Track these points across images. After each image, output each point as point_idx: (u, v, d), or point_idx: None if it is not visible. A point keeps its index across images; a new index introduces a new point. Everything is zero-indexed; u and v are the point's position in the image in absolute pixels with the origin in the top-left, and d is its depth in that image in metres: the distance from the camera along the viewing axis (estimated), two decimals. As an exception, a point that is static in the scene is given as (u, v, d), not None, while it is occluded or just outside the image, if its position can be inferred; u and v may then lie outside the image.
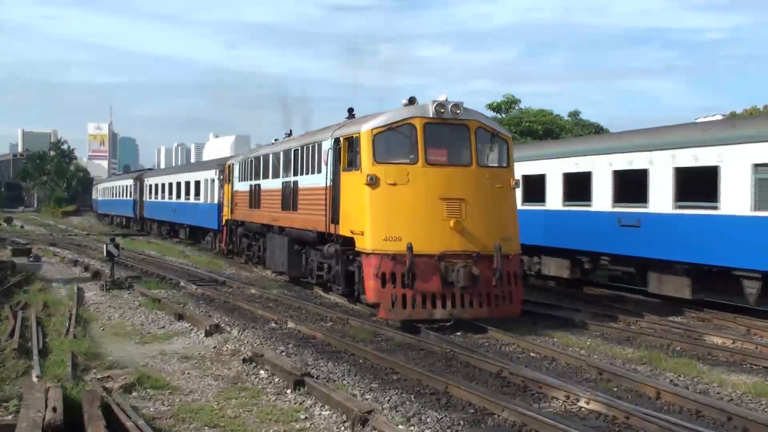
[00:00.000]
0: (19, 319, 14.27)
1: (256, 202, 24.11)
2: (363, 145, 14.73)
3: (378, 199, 14.42)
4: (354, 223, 14.97)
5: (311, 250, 18.80)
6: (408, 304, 14.04)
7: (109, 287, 20.24)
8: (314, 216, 17.53)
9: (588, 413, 9.30)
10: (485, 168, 15.09)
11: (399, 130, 14.76)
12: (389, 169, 14.52)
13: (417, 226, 14.21)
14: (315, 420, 8.96)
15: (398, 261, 14.01)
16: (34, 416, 7.54)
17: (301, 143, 19.51)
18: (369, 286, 14.26)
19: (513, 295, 14.80)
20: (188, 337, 14.19)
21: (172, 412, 9.20)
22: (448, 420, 8.90)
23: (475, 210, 14.57)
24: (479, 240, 14.45)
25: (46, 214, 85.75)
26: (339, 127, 16.81)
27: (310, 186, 18.21)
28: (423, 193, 14.37)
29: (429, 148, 14.61)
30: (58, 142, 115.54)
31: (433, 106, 14.65)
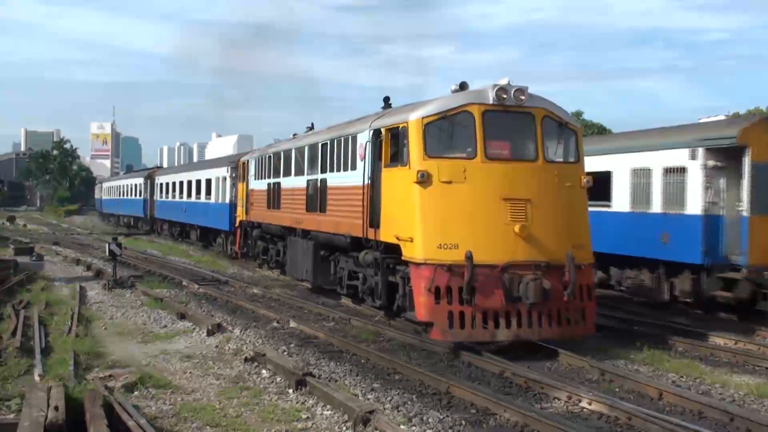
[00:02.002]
0: (22, 318, 14.29)
1: (276, 202, 21.85)
2: (412, 136, 12.67)
3: (430, 199, 12.35)
4: (400, 227, 12.90)
5: (341, 257, 16.85)
6: (467, 324, 11.97)
7: (111, 286, 20.25)
8: (347, 219, 15.50)
9: (590, 414, 9.29)
10: (553, 164, 13.03)
11: (454, 119, 12.65)
12: (443, 165, 12.41)
13: (476, 232, 12.19)
14: (317, 420, 8.96)
15: (455, 273, 11.91)
16: (37, 415, 7.55)
17: (330, 136, 17.30)
18: (420, 302, 12.16)
19: (586, 312, 12.75)
20: (190, 337, 14.19)
21: (174, 411, 9.20)
22: (449, 420, 8.89)
23: (543, 213, 12.55)
24: (548, 248, 12.43)
25: (48, 213, 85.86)
26: (378, 117, 14.81)
27: (342, 184, 16.08)
28: (482, 192, 12.36)
29: (489, 140, 12.56)
30: (60, 141, 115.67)
31: (493, 91, 12.57)
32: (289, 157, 20.67)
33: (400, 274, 13.39)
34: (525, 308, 12.11)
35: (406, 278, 13.08)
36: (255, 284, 21.78)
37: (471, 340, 12.20)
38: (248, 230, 26.50)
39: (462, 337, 12.10)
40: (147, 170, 57.97)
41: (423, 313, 12.16)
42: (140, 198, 50.81)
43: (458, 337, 12.10)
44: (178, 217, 40.95)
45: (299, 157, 19.75)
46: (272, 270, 24.24)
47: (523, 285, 12.03)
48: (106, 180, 78.15)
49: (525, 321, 12.17)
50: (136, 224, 53.46)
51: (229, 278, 23.23)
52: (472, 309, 11.99)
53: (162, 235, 45.19)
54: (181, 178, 41.04)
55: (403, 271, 13.20)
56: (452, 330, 11.96)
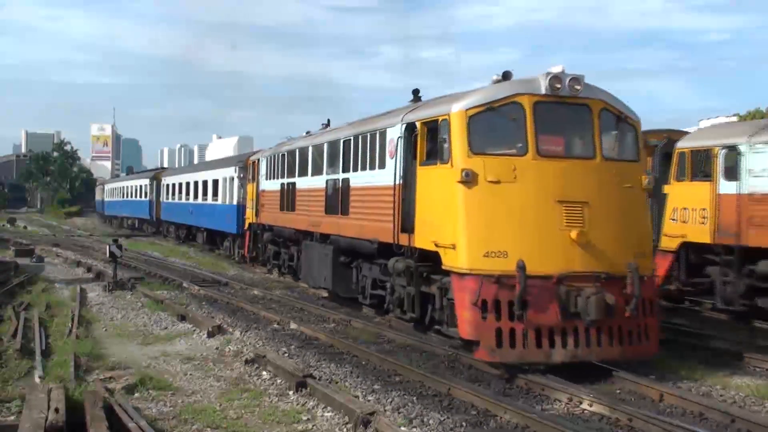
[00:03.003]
0: (22, 320, 14.30)
1: (290, 203, 20.48)
2: (454, 130, 11.38)
3: (476, 201, 11.05)
4: (439, 233, 11.60)
5: (364, 264, 15.58)
6: (517, 343, 10.68)
7: (111, 288, 20.25)
8: (374, 222, 14.17)
9: (591, 415, 9.29)
10: (611, 162, 11.78)
11: (501, 111, 11.41)
12: (490, 163, 11.13)
13: (527, 238, 10.95)
14: (317, 421, 8.96)
15: (504, 284, 10.66)
16: (37, 417, 7.55)
17: (353, 132, 15.96)
18: (464, 318, 10.89)
19: (649, 329, 11.44)
20: (191, 338, 14.19)
21: (175, 413, 9.20)
22: (450, 422, 8.89)
23: (601, 217, 11.27)
24: (607, 257, 11.17)
25: (49, 214, 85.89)
26: (412, 110, 13.55)
27: (368, 184, 14.71)
28: (534, 193, 11.10)
29: (541, 135, 11.33)
30: (61, 143, 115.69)
31: (546, 79, 11.33)
32: (306, 156, 19.30)
33: (437, 284, 12.22)
34: (582, 325, 10.85)
35: (443, 289, 11.99)
36: (255, 286, 21.79)
37: (522, 361, 10.84)
38: (258, 233, 25.27)
39: (512, 357, 10.76)
40: (153, 171, 56.84)
41: (467, 330, 10.85)
42: (146, 199, 49.71)
43: (508, 357, 10.74)
44: (184, 219, 39.95)
45: (317, 155, 18.38)
46: (283, 275, 23.34)
47: (583, 299, 10.73)
48: (109, 181, 77.30)
49: (583, 340, 10.88)
50: (141, 226, 52.51)
51: (230, 280, 23.23)
52: (523, 326, 10.68)
53: (168, 237, 44.25)
54: (187, 179, 40.02)
55: (440, 281, 12.09)
56: (501, 350, 10.65)
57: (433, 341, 12.94)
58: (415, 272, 12.71)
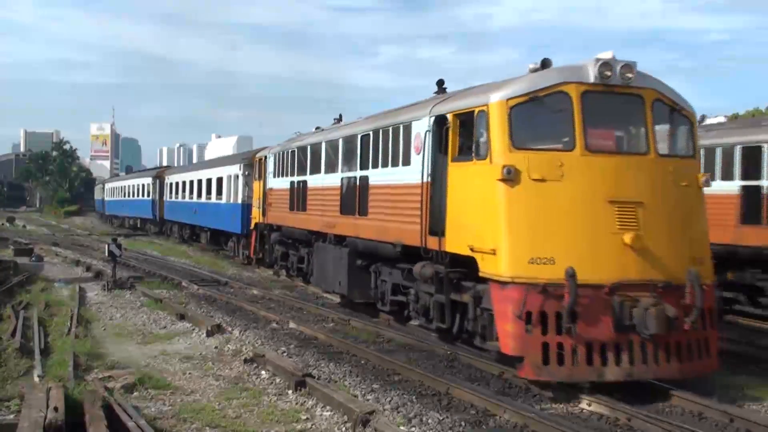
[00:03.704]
0: (21, 319, 14.30)
1: (301, 202, 19.35)
2: (494, 122, 10.35)
3: (519, 201, 10.02)
4: (476, 236, 10.57)
5: (384, 268, 14.60)
6: (566, 359, 9.67)
7: (110, 287, 20.26)
8: (397, 223, 13.15)
9: (590, 415, 9.29)
10: (666, 158, 10.70)
11: (546, 102, 10.38)
12: (534, 159, 10.08)
13: (577, 243, 9.93)
14: (316, 420, 8.96)
15: (551, 294, 9.66)
16: (36, 416, 7.56)
17: (373, 126, 14.83)
18: (506, 331, 9.90)
19: (710, 343, 10.44)
20: (190, 338, 14.19)
21: (174, 412, 9.20)
22: (449, 421, 8.89)
23: (657, 219, 10.25)
24: (664, 263, 10.14)
25: (48, 214, 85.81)
26: (441, 101, 12.46)
27: (390, 183, 13.66)
28: (583, 193, 10.06)
29: (590, 128, 10.31)
30: (60, 143, 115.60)
31: (595, 66, 10.28)
32: (318, 152, 18.11)
33: (471, 292, 11.14)
34: (638, 340, 9.84)
35: (477, 298, 10.99)
36: (254, 285, 21.80)
37: (572, 380, 9.83)
38: (265, 233, 24.06)
39: (561, 375, 9.75)
40: (156, 169, 55.91)
41: (510, 345, 9.84)
42: (148, 199, 48.54)
43: (556, 375, 9.75)
44: (188, 219, 38.92)
45: (331, 151, 17.30)
46: (291, 278, 22.45)
47: (640, 311, 9.67)
48: (109, 180, 76.19)
49: (638, 356, 9.84)
50: (144, 226, 51.46)
51: (229, 279, 23.25)
52: (573, 340, 9.66)
53: (171, 237, 43.38)
54: (190, 177, 39.04)
55: (473, 289, 11.06)
56: (548, 367, 9.65)
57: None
58: (446, 279, 11.63)
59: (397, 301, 14.23)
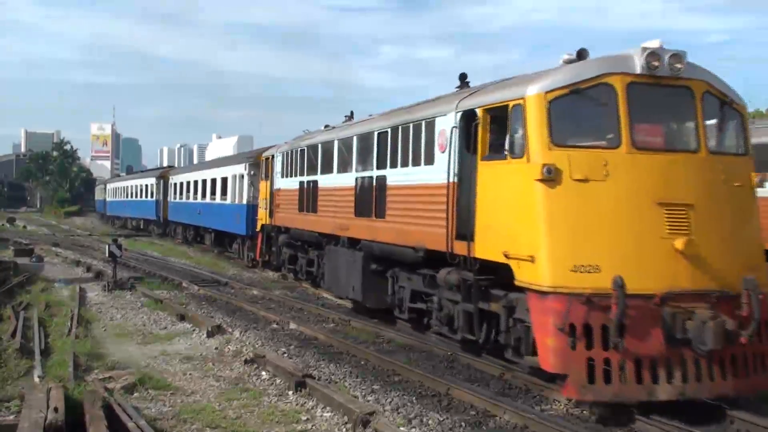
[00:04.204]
0: (21, 319, 14.31)
1: (311, 204, 18.56)
2: (531, 117, 9.52)
3: (561, 203, 9.21)
4: (511, 241, 9.72)
5: (402, 274, 13.86)
6: (614, 377, 8.82)
7: (111, 288, 20.27)
8: (419, 227, 12.40)
9: (589, 416, 9.28)
10: (718, 155, 9.90)
11: (588, 94, 9.56)
12: (576, 157, 9.27)
13: (623, 249, 9.11)
14: (316, 421, 8.96)
15: (596, 306, 8.82)
16: (36, 416, 7.56)
17: (391, 123, 13.98)
18: (547, 346, 9.03)
19: (767, 358, 9.57)
20: (190, 338, 14.20)
21: (174, 412, 9.21)
22: (449, 422, 8.90)
23: (709, 222, 9.43)
24: (718, 270, 9.31)
25: (48, 214, 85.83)
26: (468, 95, 11.59)
27: (411, 183, 12.91)
28: (630, 194, 9.25)
29: (637, 124, 9.50)
30: (61, 143, 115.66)
31: (642, 56, 9.45)
32: (330, 151, 17.32)
33: (503, 301, 10.38)
34: (691, 354, 9.00)
35: (509, 308, 10.28)
36: (255, 286, 21.80)
37: (619, 399, 8.95)
38: (272, 236, 23.32)
39: (608, 395, 8.88)
40: (160, 170, 54.99)
41: (552, 361, 8.97)
42: (152, 199, 47.69)
43: (603, 395, 8.88)
44: (192, 220, 38.09)
45: (345, 149, 16.46)
46: (300, 281, 21.82)
47: (696, 324, 8.84)
48: (111, 180, 75.29)
49: (692, 372, 9.02)
50: (147, 227, 50.66)
51: (229, 280, 23.25)
52: (620, 356, 8.83)
53: (175, 239, 42.58)
54: (195, 177, 38.27)
55: (505, 298, 10.32)
56: (593, 386, 8.78)
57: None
58: (475, 287, 10.85)
59: (416, 308, 13.52)
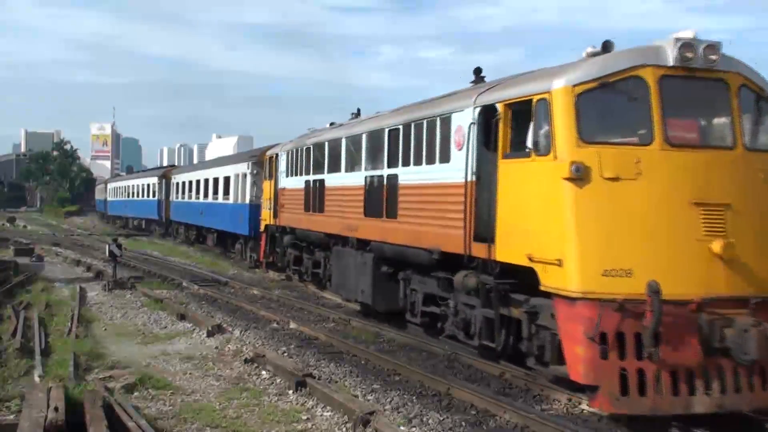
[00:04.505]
0: (22, 319, 14.30)
1: (317, 203, 18.02)
2: (558, 112, 9.04)
3: (591, 203, 8.72)
4: (536, 243, 9.23)
5: (415, 276, 13.45)
6: (649, 389, 8.41)
7: (111, 287, 20.27)
8: (434, 227, 11.90)
9: (590, 415, 9.28)
10: (755, 152, 9.37)
11: (618, 88, 9.05)
12: (606, 154, 8.80)
13: (657, 252, 8.66)
14: (317, 421, 8.96)
15: (629, 312, 8.38)
16: (36, 416, 7.55)
17: (403, 119, 13.52)
18: (577, 356, 8.60)
19: None
20: (190, 338, 14.20)
21: (174, 412, 9.21)
22: (449, 422, 8.90)
23: (748, 223, 8.95)
24: (757, 275, 8.88)
25: (48, 214, 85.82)
26: (486, 90, 11.13)
27: (425, 182, 12.44)
28: (664, 193, 8.78)
29: (670, 119, 9.01)
30: (61, 142, 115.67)
31: (675, 47, 8.97)
32: (338, 149, 16.80)
33: (525, 307, 9.89)
34: (730, 364, 8.55)
35: (532, 314, 9.80)
36: (255, 285, 21.79)
37: (655, 413, 8.51)
38: (277, 236, 22.65)
39: (643, 408, 8.45)
40: (162, 169, 54.68)
41: (582, 372, 8.53)
42: (154, 199, 47.12)
43: (638, 408, 8.45)
44: (194, 220, 37.42)
45: (353, 147, 15.96)
46: (305, 282, 21.28)
47: (736, 332, 8.36)
48: (112, 180, 74.72)
49: (731, 383, 8.57)
50: (149, 227, 50.12)
51: (229, 279, 23.26)
52: (655, 366, 8.39)
53: (177, 239, 41.90)
54: (197, 177, 37.65)
55: (527, 303, 9.85)
56: (627, 398, 8.36)
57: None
58: (496, 292, 10.35)
59: (429, 312, 13.12)
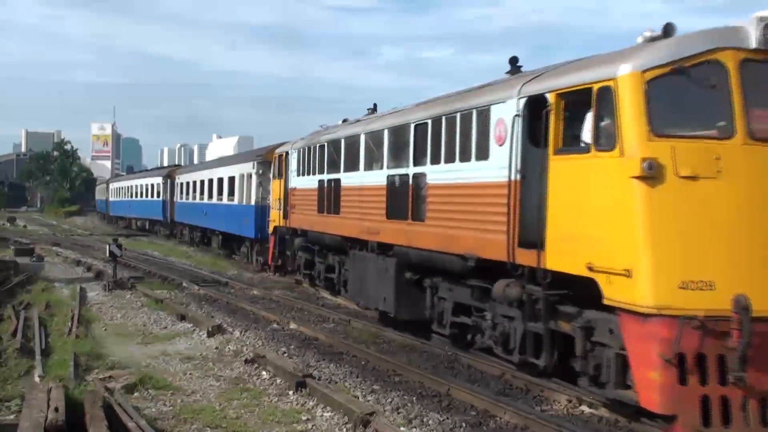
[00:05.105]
0: (22, 319, 14.31)
1: (332, 204, 17.06)
2: (625, 101, 8.02)
3: (665, 205, 7.76)
4: (598, 250, 8.24)
5: (443, 284, 12.51)
6: (735, 419, 7.54)
7: (111, 287, 20.27)
8: (470, 231, 10.94)
9: (590, 416, 9.28)
10: None
11: (693, 74, 8.01)
12: (682, 149, 7.82)
13: (741, 261, 7.72)
14: (317, 421, 8.96)
15: (710, 331, 7.49)
16: (36, 416, 7.55)
17: (433, 113, 12.47)
18: (650, 381, 7.69)
19: None
20: (190, 338, 14.19)
21: (174, 412, 9.21)
22: (449, 422, 8.89)
23: None
24: None
25: (49, 214, 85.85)
26: (532, 79, 10.09)
27: (458, 181, 11.38)
28: (748, 194, 7.85)
29: (754, 109, 8.05)
30: (61, 143, 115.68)
31: (758, 28, 8.03)
32: (356, 146, 15.80)
33: (578, 321, 8.88)
34: None
35: (587, 329, 8.79)
36: (255, 286, 21.80)
37: None
38: (287, 239, 21.65)
39: None
40: (167, 168, 53.68)
41: (657, 400, 7.63)
42: (158, 199, 46.01)
43: None
44: (198, 221, 36.31)
45: (374, 144, 14.89)
46: (316, 287, 20.37)
47: None
48: (114, 180, 73.47)
49: None
50: (152, 228, 49.16)
51: (229, 279, 23.26)
52: (743, 393, 7.50)
53: (182, 240, 41.04)
54: (201, 177, 36.73)
55: (580, 317, 8.87)
56: (710, 429, 7.50)
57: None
58: (545, 304, 9.31)
59: (462, 325, 12.15)
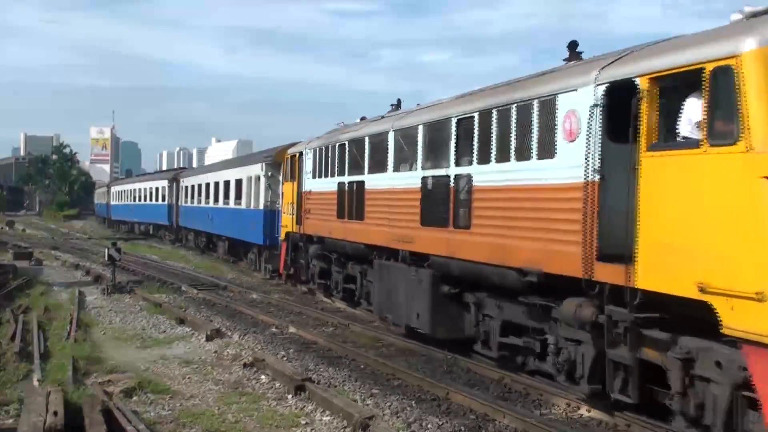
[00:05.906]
0: (21, 323, 14.30)
1: (355, 209, 15.73)
2: (751, 84, 6.64)
3: None
4: (713, 268, 6.85)
5: (489, 300, 11.26)
6: None
7: (110, 291, 20.27)
8: (531, 241, 9.67)
9: (589, 420, 9.28)
10: None
11: None
12: None
13: None
14: (316, 425, 8.95)
15: None
16: (35, 420, 7.55)
17: (480, 106, 11.15)
18: None
19: None
20: (189, 342, 14.18)
21: (173, 416, 9.20)
22: (448, 426, 8.89)
23: None
24: None
25: (48, 217, 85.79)
26: (613, 61, 8.71)
27: (515, 183, 10.07)
28: None
29: None
30: (60, 146, 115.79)
31: None
32: (383, 144, 14.52)
33: (673, 351, 7.60)
34: None
35: (686, 360, 7.47)
36: (254, 289, 21.79)
37: None
38: (300, 245, 20.33)
39: None
40: (172, 171, 52.86)
41: None
42: (164, 203, 44.62)
43: None
44: (204, 226, 35.18)
45: (405, 142, 13.62)
46: (332, 299, 19.02)
47: None
48: (116, 183, 72.53)
49: None
50: (157, 233, 48.33)
51: (228, 283, 23.26)
52: None
53: (187, 245, 39.90)
54: (206, 180, 35.60)
55: (678, 345, 7.56)
56: None
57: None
58: (632, 330, 8.01)
59: (513, 346, 10.86)
